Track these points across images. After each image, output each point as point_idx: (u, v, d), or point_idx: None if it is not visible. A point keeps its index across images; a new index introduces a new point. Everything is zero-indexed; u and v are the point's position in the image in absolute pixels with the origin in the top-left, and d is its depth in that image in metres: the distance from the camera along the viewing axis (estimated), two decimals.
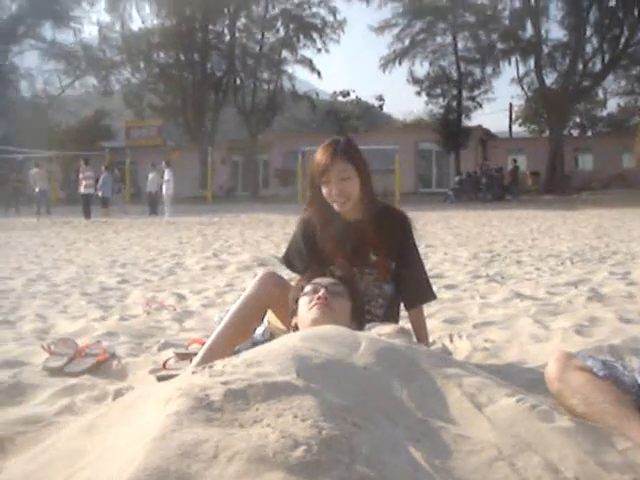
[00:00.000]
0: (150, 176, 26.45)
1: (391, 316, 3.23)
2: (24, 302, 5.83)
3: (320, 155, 3.12)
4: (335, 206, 3.15)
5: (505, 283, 6.46)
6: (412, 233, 3.32)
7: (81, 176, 24.22)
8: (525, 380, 2.92)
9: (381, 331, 2.61)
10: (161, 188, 24.80)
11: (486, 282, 6.56)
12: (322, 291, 2.78)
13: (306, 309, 2.77)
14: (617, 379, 2.32)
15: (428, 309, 4.28)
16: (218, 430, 1.49)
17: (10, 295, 6.26)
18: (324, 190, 3.13)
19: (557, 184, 36.31)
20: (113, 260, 9.51)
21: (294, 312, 2.88)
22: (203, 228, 16.93)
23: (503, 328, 4.22)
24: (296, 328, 2.82)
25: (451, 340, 3.88)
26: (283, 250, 3.49)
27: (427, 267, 3.65)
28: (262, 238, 13.28)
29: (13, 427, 2.47)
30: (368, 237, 3.18)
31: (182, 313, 5.19)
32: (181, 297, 6.05)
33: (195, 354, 3.10)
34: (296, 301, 2.88)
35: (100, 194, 24.16)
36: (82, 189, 23.92)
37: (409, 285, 3.27)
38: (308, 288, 2.85)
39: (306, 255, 3.24)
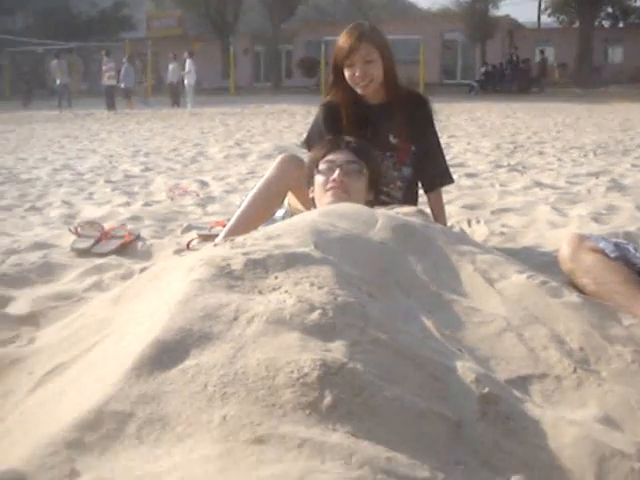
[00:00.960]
0: (171, 67, 26.17)
1: (410, 199, 3.28)
2: (50, 190, 5.94)
3: (344, 38, 3.12)
4: (357, 89, 3.16)
5: (526, 172, 6.47)
6: (432, 117, 3.34)
7: (104, 68, 23.93)
8: (540, 262, 2.99)
9: (399, 211, 2.65)
10: (182, 79, 24.59)
11: (507, 171, 6.57)
12: (337, 172, 2.80)
13: (322, 191, 2.81)
14: (628, 261, 2.37)
15: (447, 196, 4.33)
16: (238, 295, 1.58)
17: (36, 183, 6.37)
18: (347, 73, 3.14)
19: (585, 76, 35.56)
20: (136, 150, 9.57)
21: (310, 183, 2.92)
22: (225, 118, 16.87)
23: (521, 214, 4.28)
24: (313, 201, 2.88)
25: (469, 224, 3.95)
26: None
27: (449, 157, 3.69)
28: (284, 128, 13.24)
29: (45, 302, 2.59)
30: (389, 120, 3.20)
31: (205, 198, 5.27)
32: (204, 184, 6.13)
33: (217, 235, 3.18)
34: (312, 177, 2.91)
35: (122, 85, 23.95)
36: (104, 80, 23.72)
37: (428, 168, 3.31)
38: (323, 167, 2.86)
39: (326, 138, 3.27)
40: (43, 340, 2.02)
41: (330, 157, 2.85)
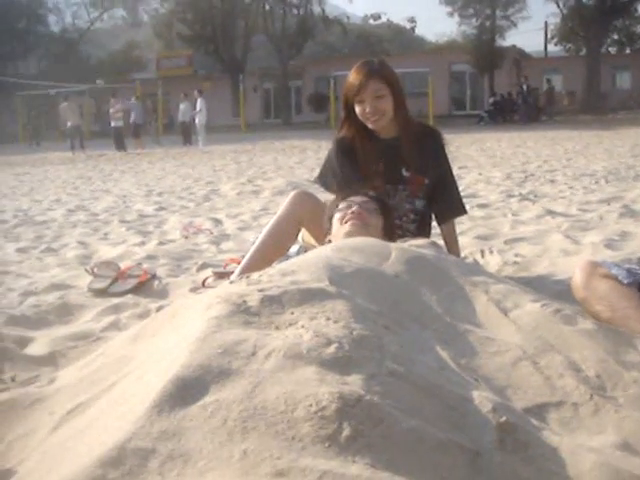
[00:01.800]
0: (182, 106, 26.42)
1: (423, 231, 3.31)
2: (66, 231, 6.00)
3: (354, 75, 3.18)
4: (369, 124, 3.21)
5: (538, 201, 6.48)
6: (444, 149, 3.39)
7: (111, 110, 24.19)
8: (554, 290, 3.01)
9: (412, 243, 2.68)
10: (194, 118, 24.81)
11: (519, 201, 6.59)
12: (355, 207, 2.85)
13: (339, 225, 2.84)
14: None
15: (460, 227, 4.35)
16: (255, 331, 1.60)
17: (52, 225, 6.44)
18: (358, 109, 3.19)
19: (593, 103, 35.66)
20: (149, 189, 9.65)
21: (329, 231, 2.96)
22: (237, 156, 16.99)
23: (534, 243, 4.29)
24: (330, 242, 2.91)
25: (482, 255, 3.96)
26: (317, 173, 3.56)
27: (460, 187, 3.71)
28: (296, 164, 13.33)
29: (64, 342, 2.63)
30: (401, 153, 3.24)
31: (219, 236, 5.31)
32: (217, 221, 6.18)
33: (232, 273, 3.21)
34: (330, 219, 2.95)
35: (131, 120, 24.11)
36: (112, 122, 23.97)
37: (441, 200, 3.35)
38: (341, 205, 2.91)
39: (339, 173, 3.31)
40: (63, 380, 2.04)
41: (349, 198, 2.91)
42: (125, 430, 1.31)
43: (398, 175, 3.26)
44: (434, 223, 3.46)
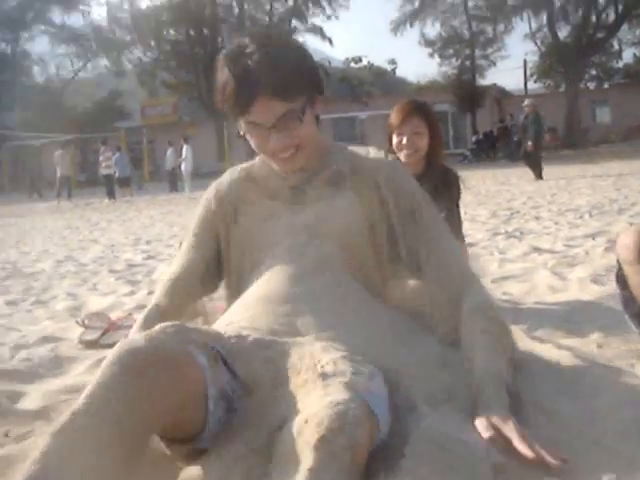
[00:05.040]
0: (168, 153, 26.61)
1: None
2: (54, 282, 5.99)
3: (398, 109, 3.54)
4: (401, 156, 3.45)
5: (524, 238, 6.53)
6: (458, 196, 3.75)
7: (101, 158, 24.29)
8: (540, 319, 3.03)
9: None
10: (180, 165, 24.95)
11: (505, 238, 6.64)
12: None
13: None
14: None
15: None
16: None
17: (40, 276, 6.43)
18: (395, 140, 3.49)
19: (575, 139, 36.11)
20: (137, 238, 9.67)
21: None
22: None
23: (521, 281, 4.32)
24: None
25: None
26: None
27: None
28: None
29: (57, 396, 2.62)
30: None
31: None
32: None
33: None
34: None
35: (117, 175, 24.19)
36: (103, 170, 24.02)
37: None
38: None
39: None
40: None
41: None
42: None
43: None
44: None
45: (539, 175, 16.43)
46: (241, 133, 2.10)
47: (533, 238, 6.52)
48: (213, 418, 1.67)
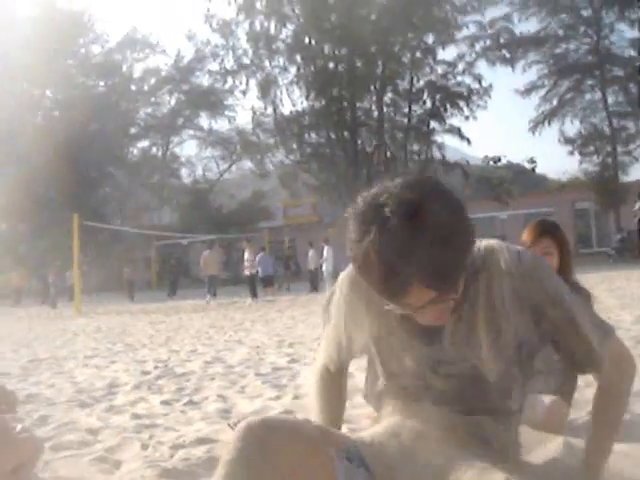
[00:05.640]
0: (310, 253, 27.32)
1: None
2: (204, 384, 6.31)
3: (530, 229, 3.73)
4: None
5: None
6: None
7: (246, 257, 24.99)
8: None
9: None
10: (321, 265, 25.50)
11: None
12: None
13: None
14: None
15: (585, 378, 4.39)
16: None
17: (191, 377, 6.78)
18: None
19: None
20: (280, 339, 9.96)
21: None
22: None
23: None
24: None
25: None
26: None
27: None
28: None
29: None
30: None
31: (350, 390, 5.46)
32: (350, 374, 6.33)
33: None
34: None
35: (260, 274, 24.71)
36: (246, 270, 24.64)
37: None
38: None
39: None
40: None
41: None
42: None
43: None
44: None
45: None
46: (385, 308, 1.79)
47: None
48: None
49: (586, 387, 4.50)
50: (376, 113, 48.57)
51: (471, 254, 1.72)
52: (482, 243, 1.97)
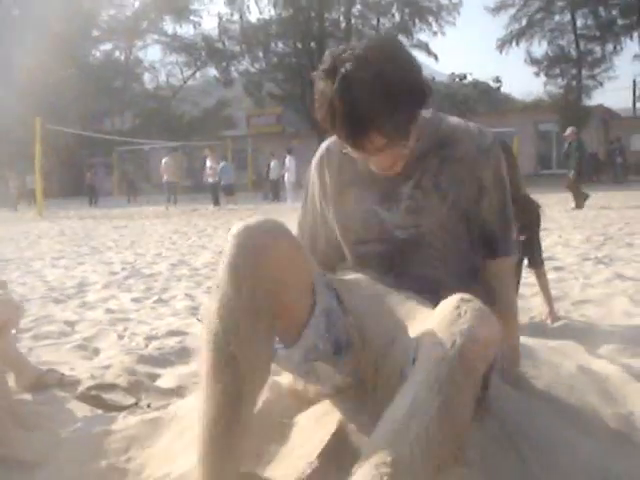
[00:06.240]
0: (272, 164, 27.37)
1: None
2: (172, 284, 6.58)
3: None
4: None
5: (612, 265, 6.73)
6: (539, 223, 4.10)
7: (208, 164, 24.96)
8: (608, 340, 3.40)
9: None
10: (283, 175, 25.59)
11: (594, 264, 6.83)
12: None
13: None
14: None
15: (534, 289, 4.72)
16: None
17: (159, 278, 7.05)
18: None
19: None
20: None
21: None
22: None
23: (599, 306, 4.63)
24: None
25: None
26: None
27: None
28: None
29: (187, 379, 3.16)
30: None
31: None
32: None
33: None
34: None
35: (222, 182, 24.71)
36: (209, 178, 24.73)
37: None
38: None
39: None
40: (187, 407, 2.56)
41: None
42: None
43: None
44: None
45: (580, 206, 16.12)
46: (343, 151, 2.04)
47: (621, 265, 6.70)
48: (315, 322, 1.93)
49: (531, 297, 4.87)
50: (344, 24, 48.15)
51: (422, 109, 1.96)
52: (448, 119, 2.23)
